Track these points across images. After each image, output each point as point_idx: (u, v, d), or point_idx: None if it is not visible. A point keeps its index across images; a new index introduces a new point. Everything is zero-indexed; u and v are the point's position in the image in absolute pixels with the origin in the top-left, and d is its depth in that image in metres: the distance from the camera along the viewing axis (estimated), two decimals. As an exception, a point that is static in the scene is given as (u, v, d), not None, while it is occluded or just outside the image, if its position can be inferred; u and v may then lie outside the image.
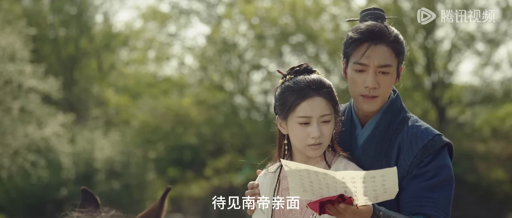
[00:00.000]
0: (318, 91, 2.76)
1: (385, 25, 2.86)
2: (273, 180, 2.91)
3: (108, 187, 21.26)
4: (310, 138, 2.75)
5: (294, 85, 2.78)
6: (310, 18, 23.01)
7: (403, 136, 2.83)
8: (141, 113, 25.02)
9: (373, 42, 2.80)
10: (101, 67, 27.24)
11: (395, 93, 2.94)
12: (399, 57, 2.85)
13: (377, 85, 2.81)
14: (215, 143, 24.62)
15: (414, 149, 2.79)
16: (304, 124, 2.76)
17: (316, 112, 2.75)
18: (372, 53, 2.80)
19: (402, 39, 2.88)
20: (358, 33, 2.82)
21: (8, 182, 19.72)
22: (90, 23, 26.90)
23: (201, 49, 25.44)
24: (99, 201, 3.18)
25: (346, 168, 2.79)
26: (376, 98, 2.83)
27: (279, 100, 2.82)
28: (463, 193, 20.56)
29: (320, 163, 2.83)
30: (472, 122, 22.89)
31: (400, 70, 2.89)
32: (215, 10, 25.51)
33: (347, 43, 2.86)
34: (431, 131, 2.84)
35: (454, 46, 22.03)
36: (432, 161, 2.78)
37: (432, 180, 2.76)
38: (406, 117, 2.90)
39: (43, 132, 18.06)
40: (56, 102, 20.80)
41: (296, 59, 23.57)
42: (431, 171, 2.77)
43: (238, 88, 24.60)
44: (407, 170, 2.78)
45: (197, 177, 23.42)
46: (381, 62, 2.80)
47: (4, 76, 17.37)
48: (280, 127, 2.85)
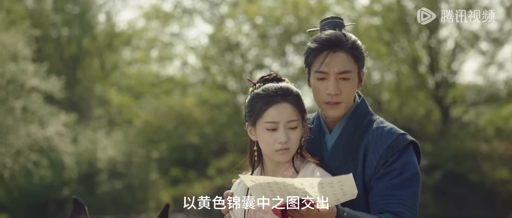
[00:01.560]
0: (285, 97, 2.82)
1: (343, 33, 2.94)
2: (245, 187, 2.94)
3: (111, 187, 21.25)
4: (277, 143, 2.80)
5: (262, 92, 2.85)
6: (313, 17, 22.96)
7: (369, 137, 2.89)
8: (143, 112, 25.00)
9: (331, 50, 2.88)
10: (103, 66, 27.22)
11: (361, 98, 3.00)
12: (358, 62, 2.92)
13: (338, 91, 2.87)
14: (218, 143, 24.59)
15: (380, 149, 2.85)
16: (271, 130, 2.81)
17: (283, 117, 2.80)
18: (331, 61, 2.87)
19: (361, 45, 2.95)
20: (317, 42, 2.91)
21: (10, 182, 19.70)
22: (92, 23, 26.87)
23: (204, 49, 25.41)
24: (87, 212, 3.21)
25: (314, 173, 2.83)
26: (339, 105, 2.90)
27: (248, 107, 2.90)
28: (467, 192, 20.51)
29: (289, 169, 2.87)
30: (476, 122, 22.86)
31: (362, 75, 2.96)
32: (218, 10, 25.49)
33: (307, 53, 2.95)
34: (396, 130, 2.89)
35: (458, 46, 21.98)
36: (398, 159, 2.83)
37: (398, 178, 2.81)
38: (371, 119, 2.96)
39: (46, 131, 18.06)
40: (59, 102, 20.78)
41: (299, 58, 23.58)
42: (397, 169, 2.82)
43: (241, 88, 24.55)
44: (374, 170, 2.85)
45: (200, 177, 23.38)
46: (340, 69, 2.87)
47: (6, 75, 17.36)
48: (250, 133, 2.93)
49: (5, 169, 17.32)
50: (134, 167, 22.22)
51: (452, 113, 22.59)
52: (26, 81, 17.68)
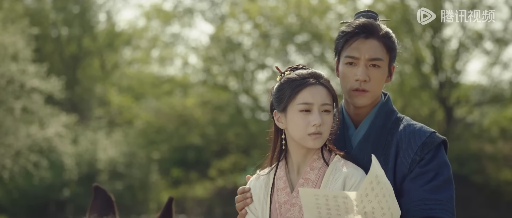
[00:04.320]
0: (318, 80, 2.80)
1: (377, 23, 2.93)
2: (267, 182, 2.90)
3: (111, 188, 21.14)
4: (311, 125, 2.74)
5: (294, 76, 2.81)
6: (315, 17, 22.91)
7: (401, 134, 2.86)
8: (144, 113, 24.97)
9: (364, 36, 2.86)
10: (104, 66, 27.14)
11: (386, 95, 2.98)
12: (390, 53, 2.90)
13: (367, 78, 2.84)
14: (220, 143, 24.57)
15: (414, 146, 2.82)
16: (305, 111, 2.76)
17: (317, 99, 2.76)
18: (363, 46, 2.85)
19: (394, 37, 2.93)
20: (350, 27, 2.90)
21: (10, 183, 19.63)
22: (93, 22, 26.79)
23: (205, 49, 25.33)
24: (113, 199, 3.09)
25: (345, 166, 2.79)
26: (366, 93, 2.86)
27: (278, 92, 2.83)
28: (471, 194, 20.38)
29: (317, 161, 2.82)
30: (480, 122, 22.82)
31: (392, 69, 2.94)
32: (219, 9, 25.39)
33: (339, 37, 2.94)
34: (427, 128, 2.89)
35: (462, 45, 21.88)
36: (433, 158, 2.81)
37: (435, 180, 2.78)
38: (398, 117, 2.94)
39: (46, 132, 17.97)
40: (59, 102, 20.69)
41: (302, 58, 23.51)
42: (432, 169, 2.79)
43: (242, 88, 24.49)
44: (408, 168, 2.81)
45: (201, 178, 23.35)
46: (371, 55, 2.85)
47: (6, 76, 17.27)
48: (278, 121, 2.85)
49: (4, 170, 17.22)
50: (135, 168, 22.14)
51: (456, 113, 22.51)
52: (26, 82, 17.58)
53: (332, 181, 2.77)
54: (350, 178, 2.75)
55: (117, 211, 3.07)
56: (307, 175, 2.81)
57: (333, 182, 2.77)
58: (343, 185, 2.75)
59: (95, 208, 3.04)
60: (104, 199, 3.07)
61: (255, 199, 2.90)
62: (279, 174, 2.87)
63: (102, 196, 3.08)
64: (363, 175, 2.76)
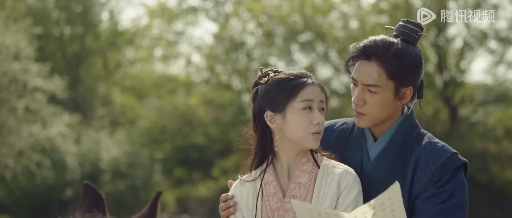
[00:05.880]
0: (312, 78, 2.77)
1: (389, 42, 2.76)
2: (254, 187, 2.81)
3: (114, 187, 21.14)
4: (314, 124, 2.69)
5: (288, 76, 2.76)
6: (319, 16, 22.85)
7: (421, 151, 2.78)
8: (147, 112, 24.97)
9: (365, 58, 2.77)
10: (106, 65, 27.11)
11: (409, 109, 2.90)
12: (393, 78, 2.75)
13: (361, 102, 2.77)
14: (223, 143, 24.53)
15: (432, 166, 2.75)
16: (308, 109, 2.70)
17: (316, 96, 2.73)
18: (362, 70, 2.77)
19: (405, 60, 2.75)
20: (356, 48, 2.82)
21: (12, 183, 19.63)
22: (95, 21, 26.75)
23: (209, 48, 25.29)
24: (103, 196, 3.08)
25: (336, 167, 2.73)
26: (363, 116, 2.79)
27: (274, 92, 2.75)
28: (475, 194, 20.29)
29: (307, 164, 2.74)
30: (484, 122, 22.77)
31: (402, 92, 2.78)
32: (223, 8, 25.33)
33: (349, 57, 2.88)
34: (449, 148, 2.81)
35: (466, 44, 21.80)
36: (450, 180, 2.74)
37: (447, 201, 2.72)
38: (420, 133, 2.86)
39: (48, 131, 17.96)
40: (62, 101, 20.67)
41: (305, 57, 23.48)
42: (447, 192, 2.73)
43: (246, 87, 24.43)
44: (423, 188, 2.74)
45: (204, 178, 23.32)
46: (365, 81, 2.76)
47: (9, 75, 17.26)
48: (272, 123, 2.75)
49: (7, 170, 17.21)
50: (138, 168, 22.11)
51: (460, 113, 22.44)
52: (28, 81, 17.57)
53: (326, 183, 2.71)
54: (344, 179, 2.70)
55: (107, 208, 3.04)
56: (298, 179, 2.73)
57: (327, 185, 2.71)
58: (338, 186, 2.69)
59: (84, 204, 3.02)
60: (93, 196, 3.05)
61: (243, 206, 2.81)
62: (267, 179, 2.78)
63: (91, 193, 3.06)
64: (355, 176, 2.72)
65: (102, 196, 3.08)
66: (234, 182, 2.92)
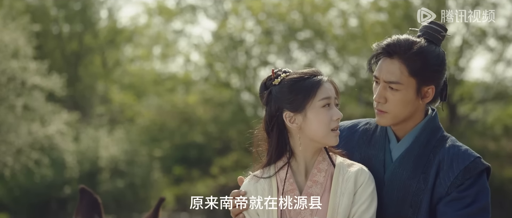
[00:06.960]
0: (324, 76, 2.80)
1: (412, 40, 2.79)
2: (269, 184, 2.82)
3: (113, 185, 21.15)
4: (334, 120, 2.74)
5: (302, 75, 2.78)
6: (318, 13, 22.82)
7: (444, 153, 2.79)
8: (146, 110, 24.95)
9: (387, 56, 2.78)
10: (105, 63, 27.09)
11: (434, 111, 2.91)
12: (415, 76, 2.76)
13: (382, 100, 2.78)
14: (222, 141, 24.53)
15: (455, 169, 2.75)
16: (327, 106, 2.74)
17: (332, 93, 2.77)
18: (384, 67, 2.78)
19: (427, 58, 2.77)
20: (378, 46, 2.83)
21: (11, 181, 19.62)
22: (94, 19, 26.73)
23: (208, 46, 25.26)
24: (99, 201, 3.07)
25: (351, 165, 2.78)
26: (384, 114, 2.80)
27: (292, 92, 2.75)
28: (474, 192, 20.32)
29: (323, 162, 2.80)
30: (483, 120, 22.73)
31: (424, 91, 2.80)
32: (222, 6, 25.30)
33: (371, 55, 2.89)
34: (472, 152, 2.81)
35: (465, 42, 21.78)
36: (473, 185, 2.73)
37: (470, 207, 2.72)
38: (444, 135, 2.86)
39: (47, 130, 17.96)
40: (60, 99, 20.65)
41: (304, 55, 23.46)
42: (470, 196, 2.73)
43: (245, 85, 24.42)
44: (446, 191, 2.74)
45: (203, 176, 23.32)
46: (387, 78, 2.76)
47: (7, 73, 17.25)
48: (291, 123, 2.76)
49: (6, 168, 17.20)
50: (137, 166, 22.12)
51: (459, 111, 22.43)
52: (27, 79, 17.56)
53: (342, 181, 2.76)
54: (360, 176, 2.75)
55: (103, 212, 3.05)
56: (315, 177, 2.78)
57: (344, 182, 2.75)
58: (354, 184, 2.73)
59: (81, 209, 3.01)
60: (90, 201, 3.05)
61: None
62: (284, 176, 2.81)
63: (88, 198, 3.05)
64: (370, 174, 2.76)
65: (98, 200, 3.07)
66: (244, 178, 2.93)
